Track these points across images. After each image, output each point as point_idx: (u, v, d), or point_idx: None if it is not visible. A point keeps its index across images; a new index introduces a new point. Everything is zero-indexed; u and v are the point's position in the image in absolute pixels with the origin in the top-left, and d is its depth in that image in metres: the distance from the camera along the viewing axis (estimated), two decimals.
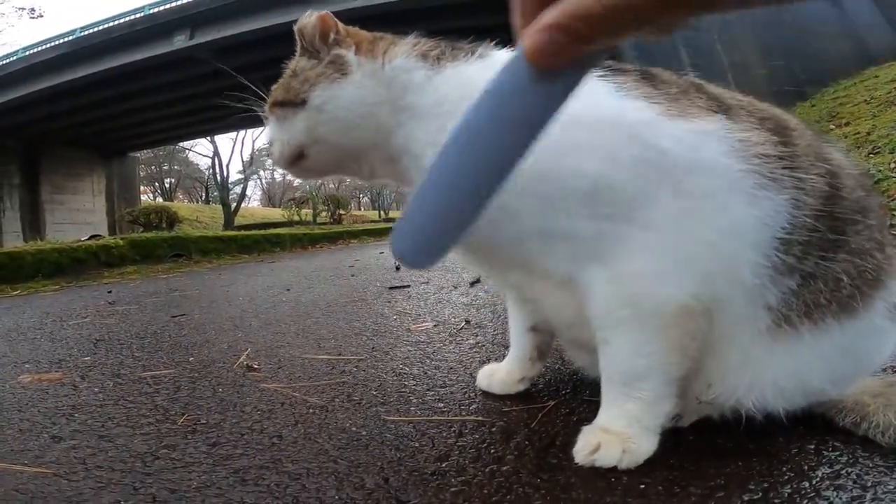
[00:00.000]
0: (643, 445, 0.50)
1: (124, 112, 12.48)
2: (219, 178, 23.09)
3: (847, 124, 5.00)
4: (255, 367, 0.98)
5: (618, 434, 0.50)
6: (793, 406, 0.52)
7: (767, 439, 0.53)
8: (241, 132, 22.09)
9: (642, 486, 0.46)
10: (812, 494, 0.44)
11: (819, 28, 8.75)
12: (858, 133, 4.50)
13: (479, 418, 0.66)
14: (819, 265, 0.49)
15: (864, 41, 8.57)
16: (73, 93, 11.22)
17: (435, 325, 1.26)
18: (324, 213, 12.57)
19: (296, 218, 11.72)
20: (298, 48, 0.63)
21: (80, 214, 12.96)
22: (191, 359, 1.08)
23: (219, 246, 5.56)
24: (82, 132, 12.94)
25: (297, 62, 0.62)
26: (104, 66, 10.65)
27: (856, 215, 0.50)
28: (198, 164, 31.10)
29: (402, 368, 0.91)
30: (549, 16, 0.25)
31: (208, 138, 21.27)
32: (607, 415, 0.52)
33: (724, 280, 0.48)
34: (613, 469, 0.49)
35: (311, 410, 0.74)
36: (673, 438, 0.53)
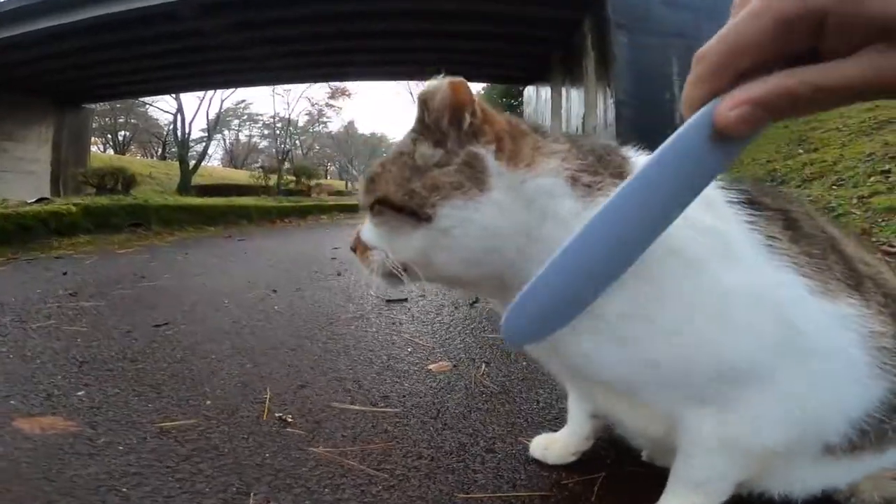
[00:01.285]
0: None
1: (90, 63, 11.50)
2: (179, 134, 21.68)
3: (815, 150, 5.19)
4: (290, 420, 0.90)
5: None
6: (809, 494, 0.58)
7: None
8: (211, 91, 20.66)
9: None
10: None
11: None
12: (825, 161, 4.66)
13: (544, 493, 0.68)
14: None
15: None
16: (33, 42, 10.18)
17: (454, 366, 1.20)
18: (291, 184, 12.11)
19: (262, 183, 11.22)
20: (417, 121, 0.49)
21: (22, 163, 11.95)
22: (208, 402, 0.98)
23: (182, 216, 5.22)
24: (42, 80, 11.87)
25: (418, 146, 0.49)
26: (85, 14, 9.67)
27: None
28: (157, 120, 29.13)
29: (444, 424, 0.87)
30: (755, 91, 0.29)
31: (173, 95, 19.88)
32: (675, 501, 0.55)
33: (811, 437, 0.52)
34: None
35: (379, 487, 0.69)
36: None
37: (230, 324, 1.53)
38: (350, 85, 32.64)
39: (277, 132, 30.73)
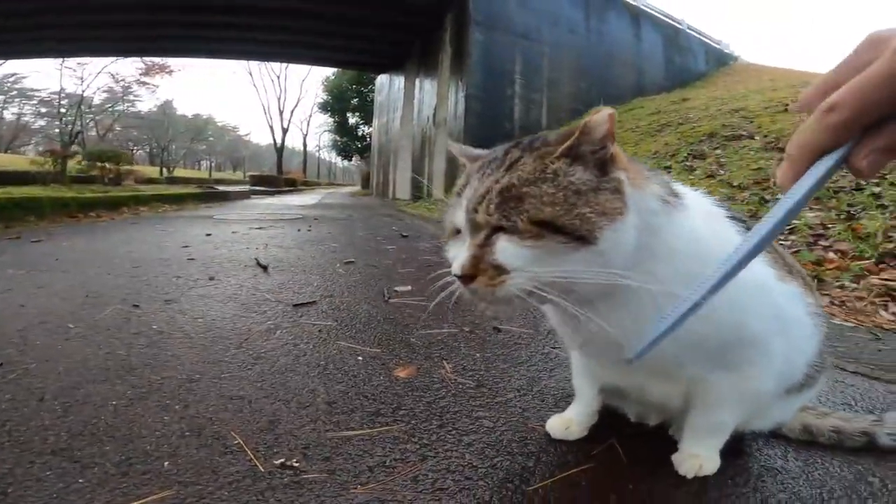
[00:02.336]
0: (718, 459, 0.72)
1: None
2: None
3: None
4: (297, 465, 0.72)
5: (705, 456, 0.71)
6: (770, 428, 0.80)
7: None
8: None
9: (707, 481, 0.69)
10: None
11: (621, 56, 10.69)
12: None
13: (589, 465, 0.75)
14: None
15: (644, 73, 10.80)
16: None
17: (418, 368, 1.11)
18: (94, 171, 9.82)
19: (50, 170, 8.82)
20: (569, 148, 0.52)
21: None
22: (165, 464, 0.70)
23: None
24: None
25: (572, 171, 0.51)
26: None
27: None
28: None
29: (454, 428, 0.79)
30: (881, 142, 0.33)
31: None
32: (696, 446, 0.72)
33: (788, 380, 0.71)
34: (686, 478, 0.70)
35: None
36: None
37: (102, 356, 1.15)
38: (173, 60, 27.91)
39: (63, 111, 24.55)
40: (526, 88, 9.37)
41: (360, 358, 1.17)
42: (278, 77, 36.43)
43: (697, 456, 0.71)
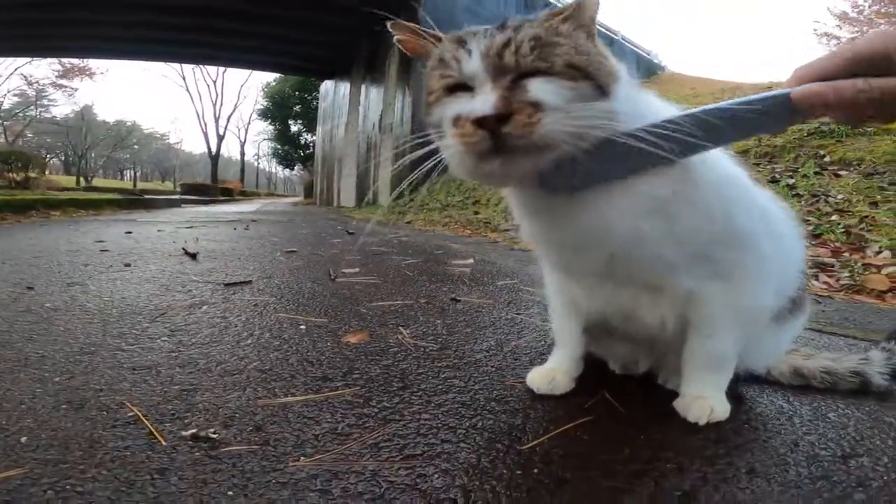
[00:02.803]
0: (727, 402, 0.66)
1: None
2: None
3: None
4: (214, 436, 0.56)
5: (712, 397, 0.64)
6: (764, 367, 0.77)
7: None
8: None
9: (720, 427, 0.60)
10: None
11: None
12: None
13: (586, 419, 0.65)
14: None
15: None
16: None
17: (370, 334, 0.95)
18: None
19: None
20: (568, 17, 0.55)
21: None
22: (22, 439, 0.50)
23: None
24: None
25: (577, 36, 0.54)
26: None
27: None
28: None
29: (419, 389, 0.65)
30: (828, 91, 0.46)
31: None
32: (699, 387, 0.65)
33: (781, 294, 0.68)
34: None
35: (436, 469, 0.44)
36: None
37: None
38: (96, 62, 25.85)
39: None
40: None
41: (302, 327, 1.00)
42: (214, 82, 34.45)
43: (704, 398, 0.64)
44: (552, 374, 0.71)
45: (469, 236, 4.03)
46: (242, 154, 43.33)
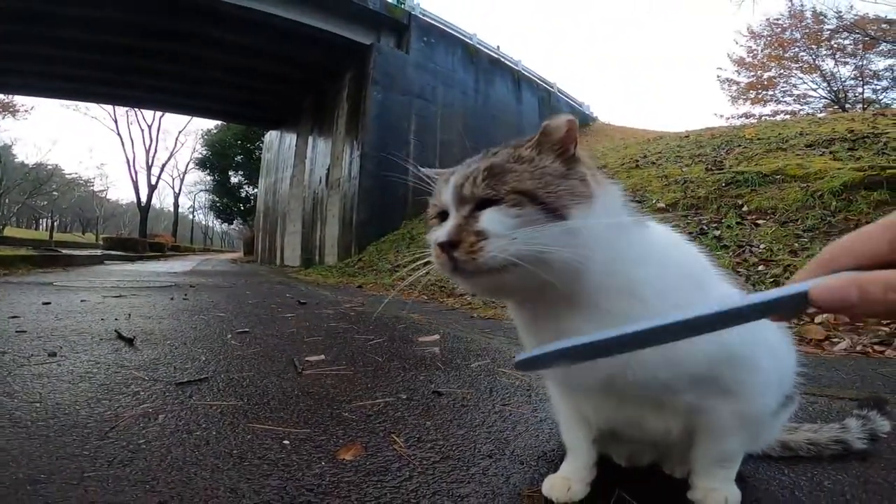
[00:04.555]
0: (737, 489, 0.70)
1: None
2: None
3: None
4: None
5: (723, 489, 0.68)
6: (763, 448, 0.82)
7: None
8: None
9: None
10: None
11: (503, 117, 11.69)
12: None
13: None
14: None
15: (523, 133, 12.06)
16: None
17: (365, 448, 0.89)
18: None
19: None
20: (536, 143, 0.59)
21: None
22: None
23: None
24: None
25: (542, 159, 0.58)
26: None
27: None
28: None
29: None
30: (851, 289, 0.34)
31: None
32: (711, 481, 0.69)
33: (780, 396, 0.72)
34: None
35: None
36: None
37: None
38: (23, 100, 24.06)
39: None
40: (420, 149, 9.75)
41: (286, 442, 0.91)
42: (150, 126, 32.98)
43: (717, 490, 0.68)
44: (568, 482, 0.72)
45: (425, 302, 4.00)
46: (176, 206, 41.24)
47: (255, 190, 21.75)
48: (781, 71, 16.16)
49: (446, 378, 1.47)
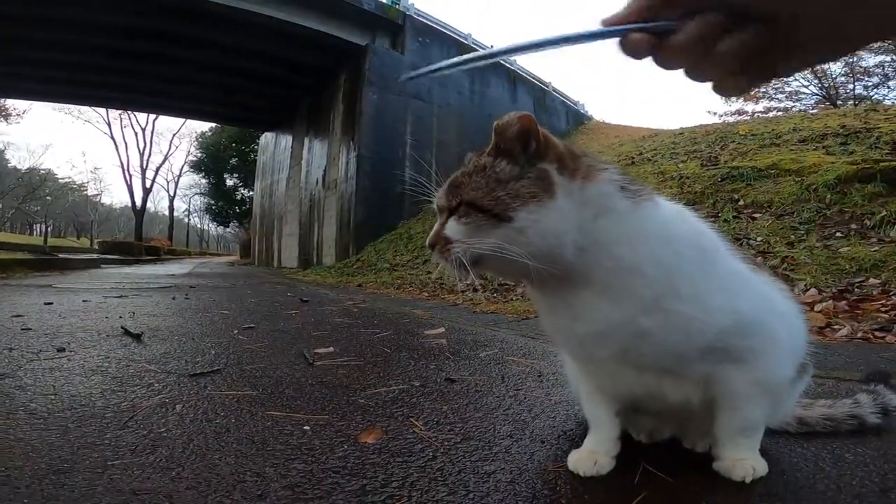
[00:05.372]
0: (763, 459, 0.71)
1: None
2: None
3: None
4: None
5: (749, 458, 0.70)
6: (782, 421, 0.83)
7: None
8: None
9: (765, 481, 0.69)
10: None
11: (499, 116, 11.69)
12: None
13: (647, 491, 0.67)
14: None
15: None
16: None
17: (385, 432, 0.90)
18: None
19: None
20: (493, 146, 0.63)
21: None
22: None
23: None
24: None
25: (497, 164, 0.62)
26: None
27: None
28: None
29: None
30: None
31: None
32: (736, 450, 0.70)
33: (796, 364, 0.73)
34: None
35: None
36: None
37: None
38: (16, 103, 23.83)
39: None
40: (417, 148, 9.75)
41: (306, 428, 0.92)
42: (143, 129, 32.72)
43: (745, 459, 0.70)
44: (594, 456, 0.73)
45: (427, 299, 4.01)
46: (171, 209, 41.07)
47: (251, 192, 21.71)
48: None
49: (456, 366, 1.48)
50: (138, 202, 31.30)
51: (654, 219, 0.62)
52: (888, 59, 14.05)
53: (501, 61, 12.25)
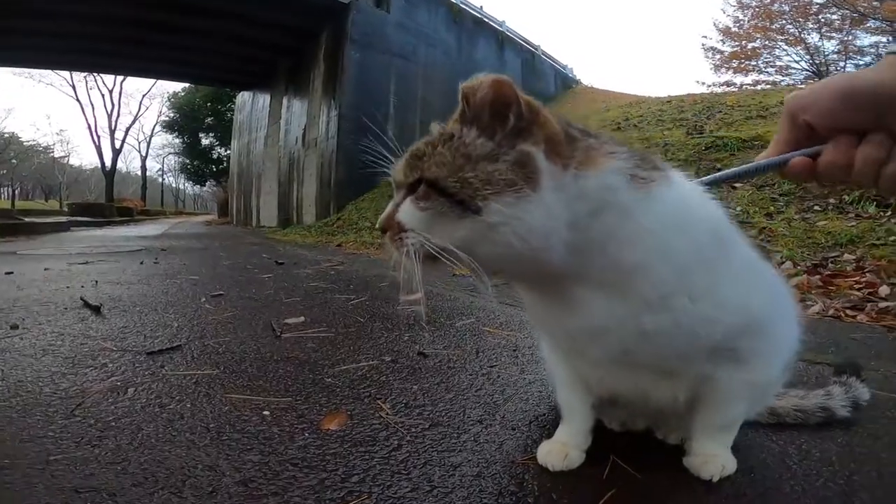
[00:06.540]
0: (733, 457, 0.68)
1: None
2: None
3: None
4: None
5: (721, 454, 0.67)
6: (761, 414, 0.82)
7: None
8: None
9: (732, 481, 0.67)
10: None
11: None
12: None
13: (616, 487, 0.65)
14: None
15: None
16: None
17: (350, 417, 0.85)
18: None
19: None
20: (459, 113, 0.51)
21: None
22: None
23: None
24: None
25: (465, 134, 0.50)
26: None
27: None
28: None
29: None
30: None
31: None
32: (709, 446, 0.67)
33: (785, 364, 0.69)
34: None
35: None
36: None
37: None
38: None
39: None
40: (401, 109, 9.44)
41: (266, 413, 0.87)
42: (111, 91, 30.93)
43: (716, 456, 0.67)
44: (564, 449, 0.69)
45: None
46: (144, 169, 39.55)
47: (228, 151, 20.91)
48: (766, 42, 15.91)
49: (431, 338, 1.44)
50: (108, 163, 29.96)
51: (667, 206, 0.52)
52: (884, 39, 13.86)
53: (486, 20, 11.80)
